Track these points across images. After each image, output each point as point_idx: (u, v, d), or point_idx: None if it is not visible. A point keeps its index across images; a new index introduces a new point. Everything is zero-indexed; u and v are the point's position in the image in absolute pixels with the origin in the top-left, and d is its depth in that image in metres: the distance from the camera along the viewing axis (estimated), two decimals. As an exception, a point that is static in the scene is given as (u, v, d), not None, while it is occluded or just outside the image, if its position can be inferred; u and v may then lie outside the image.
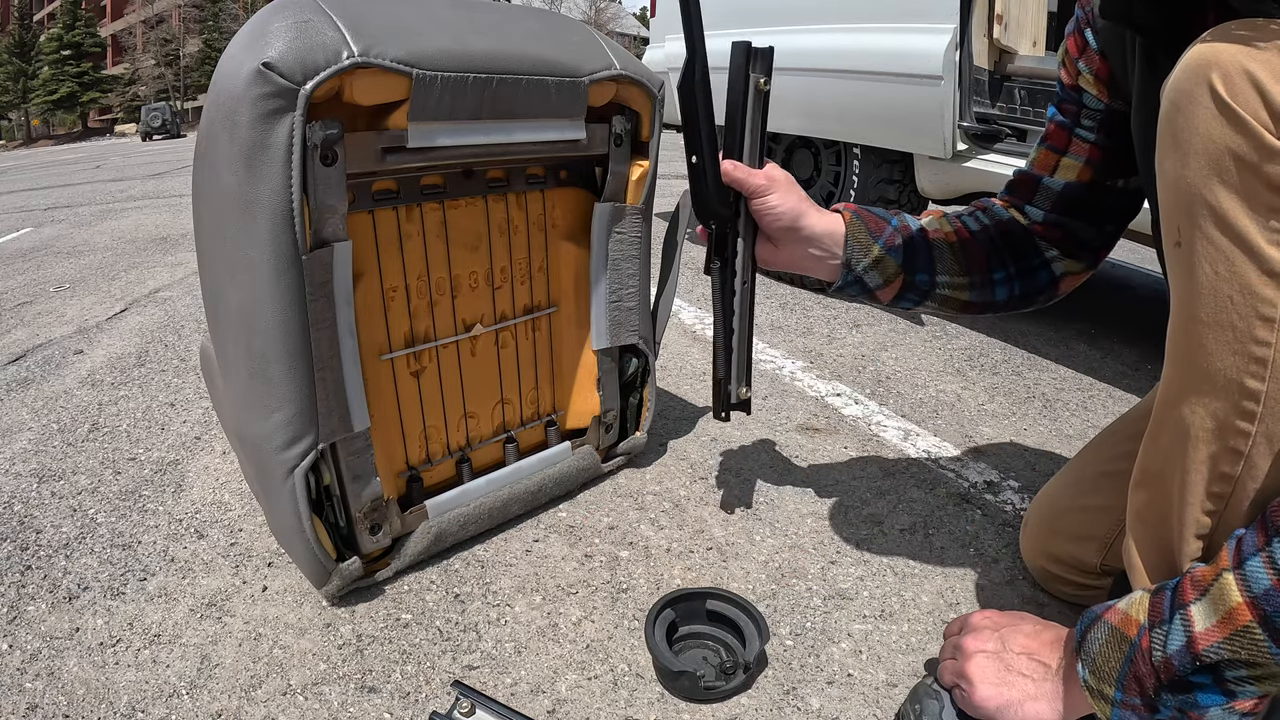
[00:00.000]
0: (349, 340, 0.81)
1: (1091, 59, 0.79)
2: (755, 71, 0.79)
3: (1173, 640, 0.53)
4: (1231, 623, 0.50)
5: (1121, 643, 0.56)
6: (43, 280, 2.79)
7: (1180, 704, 0.53)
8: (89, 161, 11.62)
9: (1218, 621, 0.51)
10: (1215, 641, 0.50)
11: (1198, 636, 0.51)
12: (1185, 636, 0.52)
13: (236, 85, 0.68)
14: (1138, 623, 0.55)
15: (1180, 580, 0.54)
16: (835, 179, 2.28)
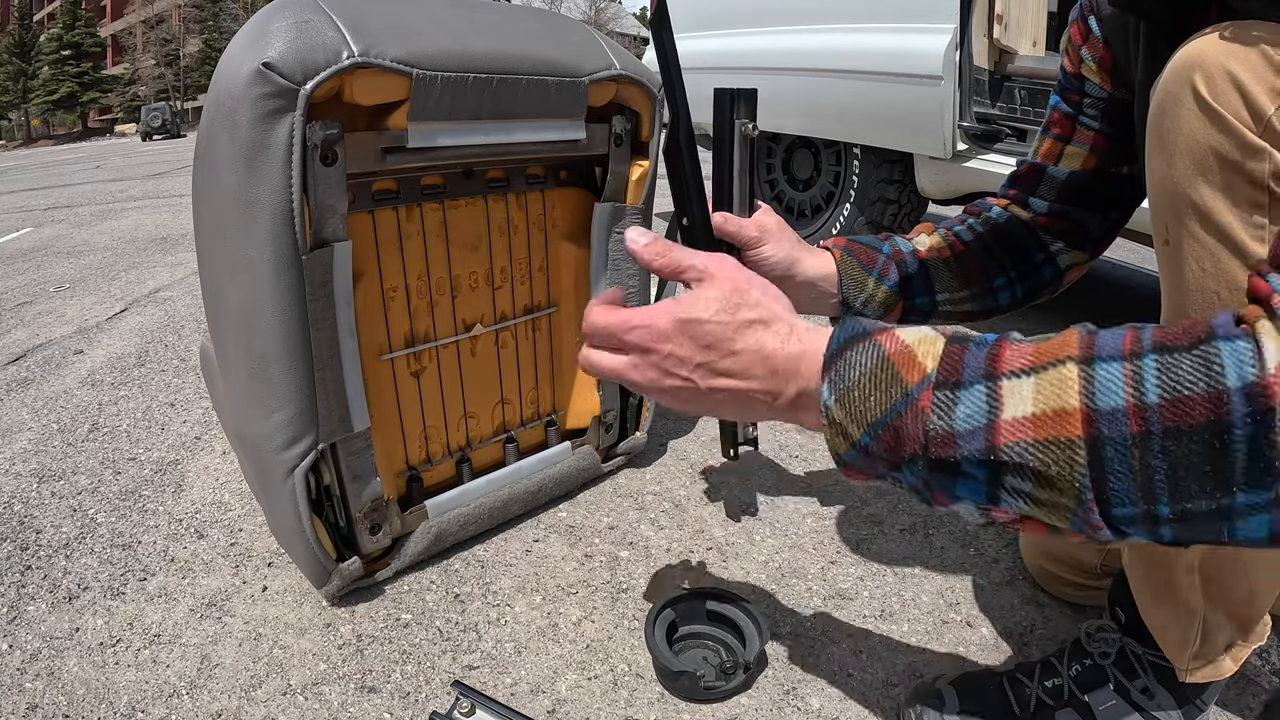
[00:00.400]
0: (349, 340, 0.81)
1: (1095, 46, 0.78)
2: (740, 117, 0.78)
3: (965, 415, 0.42)
4: (1056, 427, 0.40)
5: (893, 385, 0.44)
6: (43, 280, 2.79)
7: (932, 480, 0.44)
8: (89, 161, 11.62)
9: (1036, 416, 0.41)
10: (1024, 440, 0.41)
11: (1003, 425, 0.41)
12: (986, 419, 0.42)
13: (236, 85, 0.68)
14: (922, 369, 0.44)
15: (999, 340, 0.44)
16: (835, 179, 2.28)
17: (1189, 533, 0.40)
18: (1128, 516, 0.40)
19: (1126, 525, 0.41)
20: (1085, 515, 0.41)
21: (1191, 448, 0.38)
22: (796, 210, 2.44)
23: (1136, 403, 0.39)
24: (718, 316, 0.49)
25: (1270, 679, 0.77)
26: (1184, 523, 0.39)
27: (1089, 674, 0.68)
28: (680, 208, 0.76)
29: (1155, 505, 0.39)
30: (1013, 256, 0.86)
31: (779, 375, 0.48)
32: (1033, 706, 0.67)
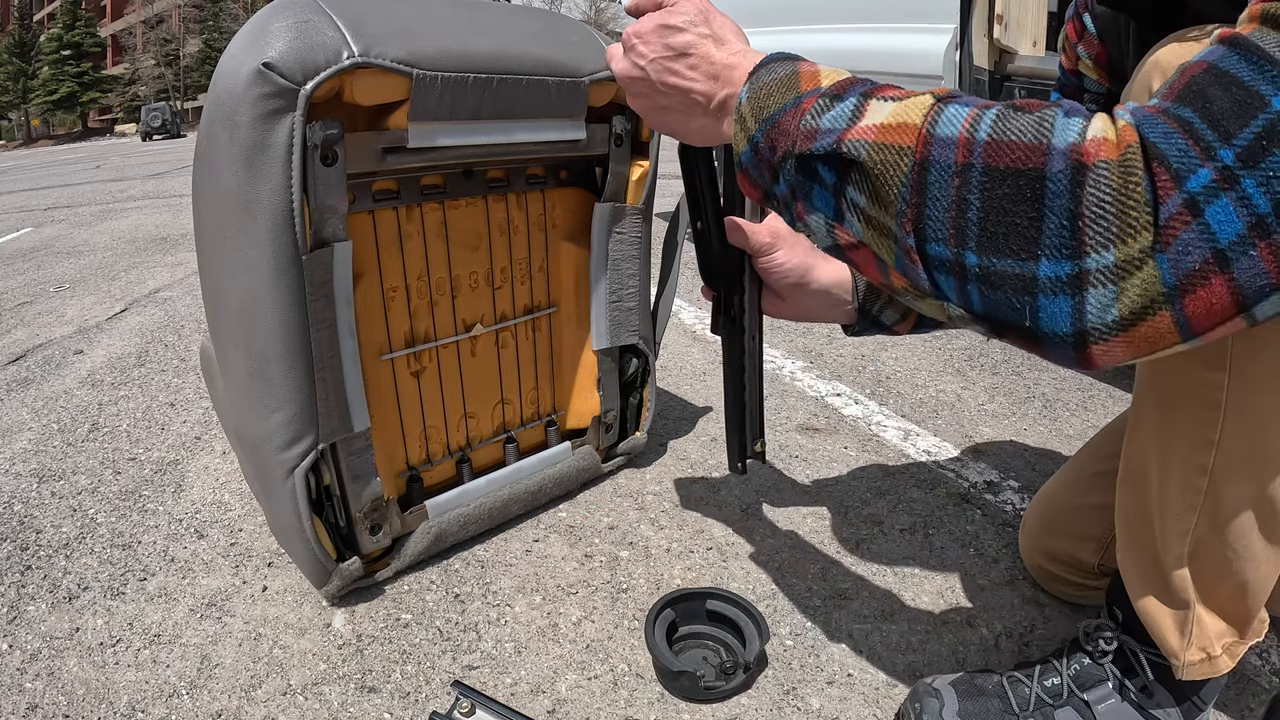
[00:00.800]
0: (349, 340, 0.81)
1: (1090, 44, 0.78)
2: None
3: (831, 117, 0.46)
4: (894, 134, 0.44)
5: (790, 89, 0.50)
6: (43, 280, 2.79)
7: (796, 185, 0.49)
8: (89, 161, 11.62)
9: (881, 124, 0.44)
10: (865, 140, 0.44)
11: (856, 128, 0.45)
12: (847, 123, 0.46)
13: (237, 85, 0.68)
14: (817, 82, 0.49)
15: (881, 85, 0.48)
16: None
17: (995, 301, 0.42)
18: (940, 259, 0.43)
19: (939, 271, 0.43)
20: (904, 243, 0.44)
21: (1006, 190, 0.40)
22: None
23: (968, 137, 0.41)
24: (687, 27, 0.57)
25: (1270, 679, 0.77)
26: (990, 285, 0.42)
27: (1088, 672, 0.68)
28: (694, 213, 0.77)
29: (964, 250, 0.42)
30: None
31: (717, 80, 0.55)
32: (1032, 705, 0.67)
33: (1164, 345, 0.40)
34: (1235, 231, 0.37)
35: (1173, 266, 0.38)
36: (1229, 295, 0.38)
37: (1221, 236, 0.37)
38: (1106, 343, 0.40)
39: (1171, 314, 0.39)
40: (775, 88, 0.51)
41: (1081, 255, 0.39)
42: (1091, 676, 0.67)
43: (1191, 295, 0.38)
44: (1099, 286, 0.39)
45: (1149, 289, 0.39)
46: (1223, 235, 0.37)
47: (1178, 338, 0.40)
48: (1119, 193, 0.38)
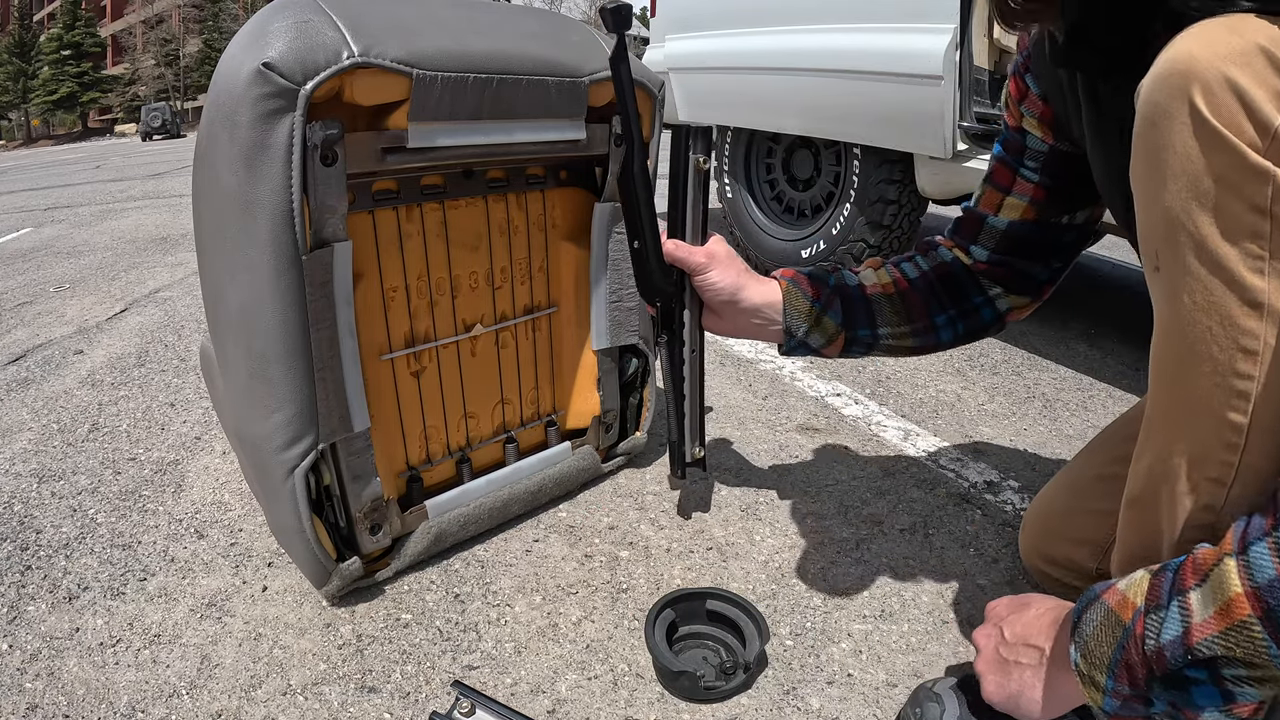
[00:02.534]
0: (349, 340, 0.81)
1: (1034, 103, 0.80)
2: (695, 152, 0.83)
3: (1168, 629, 0.48)
4: (1229, 615, 0.45)
5: (1116, 627, 0.52)
6: (43, 280, 2.79)
7: (1174, 699, 0.49)
8: (89, 161, 11.62)
9: (1215, 612, 0.46)
10: (1211, 634, 0.46)
11: (1194, 628, 0.47)
12: (1181, 627, 0.48)
13: (236, 85, 0.68)
14: (1134, 606, 0.51)
15: (1184, 560, 0.50)
16: (835, 179, 2.28)
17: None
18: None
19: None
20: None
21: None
22: (797, 210, 2.44)
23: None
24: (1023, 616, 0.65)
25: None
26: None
27: None
28: (632, 233, 0.83)
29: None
30: (954, 297, 0.88)
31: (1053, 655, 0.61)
32: None
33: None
34: None
35: None
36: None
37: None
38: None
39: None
40: (1100, 632, 0.53)
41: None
42: None
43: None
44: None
45: None
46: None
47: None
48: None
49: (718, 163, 2.65)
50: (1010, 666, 0.63)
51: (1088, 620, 0.54)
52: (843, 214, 2.18)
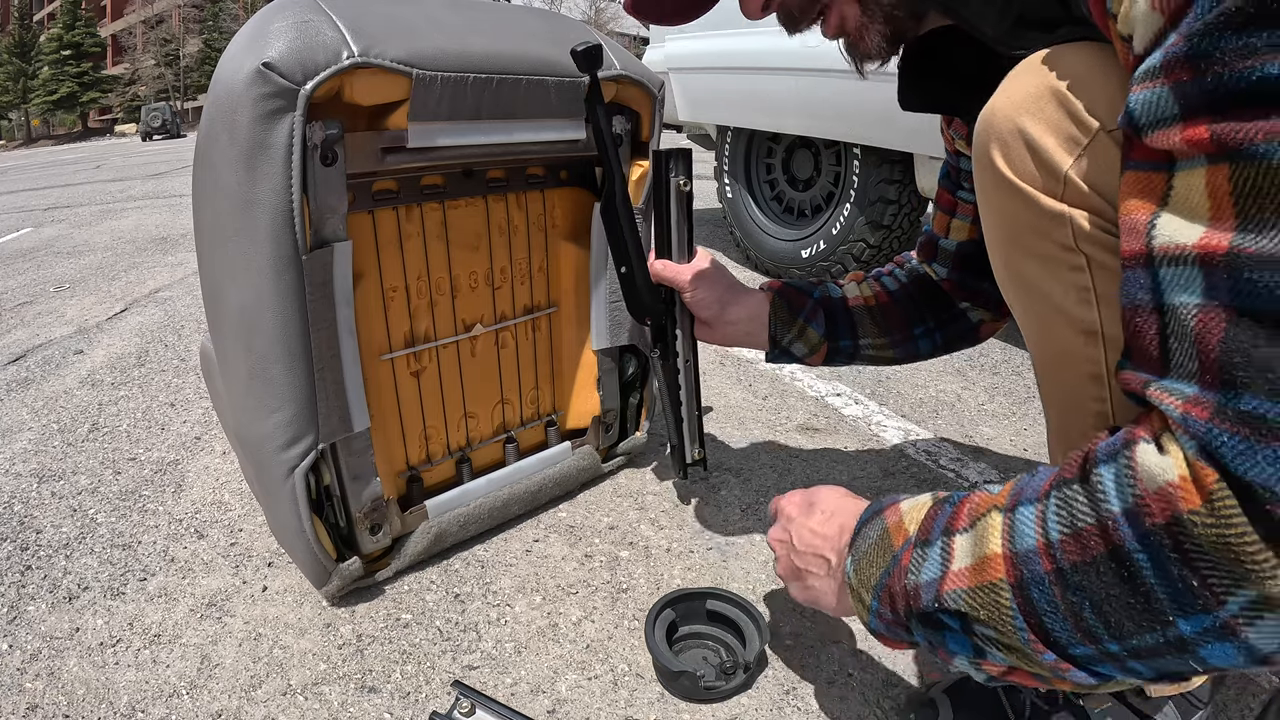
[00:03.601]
0: (349, 340, 0.81)
1: (959, 125, 0.84)
2: (675, 174, 0.87)
3: (927, 569, 0.47)
4: (982, 573, 0.43)
5: (886, 551, 0.51)
6: (43, 280, 2.79)
7: (930, 638, 0.48)
8: (89, 162, 11.62)
9: (971, 566, 0.44)
10: (961, 588, 0.44)
11: (950, 575, 0.45)
12: (940, 570, 0.46)
13: (236, 85, 0.68)
14: (906, 534, 0.50)
15: (963, 497, 0.48)
16: (835, 179, 2.28)
17: (1163, 665, 0.39)
18: (1088, 656, 0.40)
19: (1095, 664, 0.41)
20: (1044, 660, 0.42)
21: (1102, 580, 0.38)
22: (797, 210, 2.44)
23: (1044, 541, 0.40)
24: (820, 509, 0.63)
25: (1270, 679, 0.77)
26: (1148, 657, 0.38)
27: None
28: (619, 259, 0.89)
29: (1103, 643, 0.39)
30: (932, 309, 0.92)
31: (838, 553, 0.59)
32: (1027, 712, 0.67)
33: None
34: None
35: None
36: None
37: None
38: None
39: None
40: (874, 552, 0.52)
41: (1215, 607, 0.35)
42: None
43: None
44: (1256, 622, 0.35)
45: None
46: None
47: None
48: (1220, 539, 0.34)
49: (718, 163, 2.65)
50: (804, 575, 0.62)
51: (864, 535, 0.54)
52: (843, 214, 2.18)
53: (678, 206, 0.89)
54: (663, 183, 0.87)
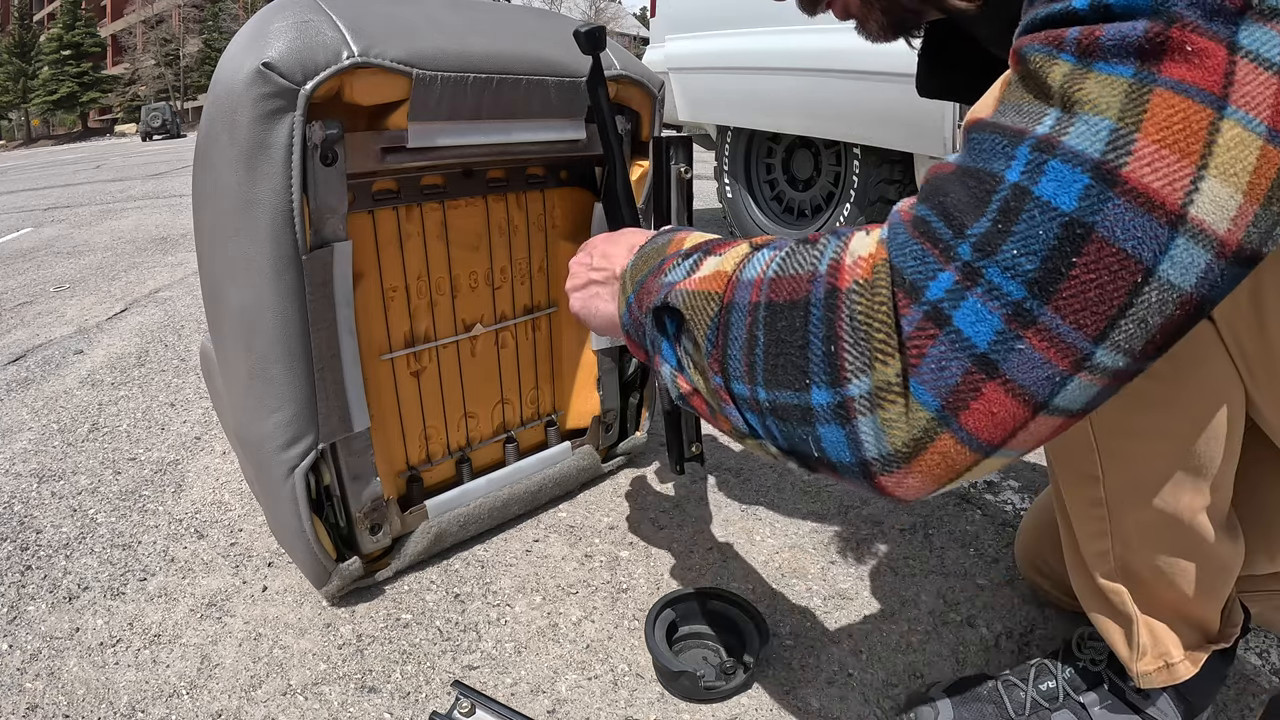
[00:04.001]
0: (349, 340, 0.81)
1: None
2: (676, 162, 0.88)
3: (675, 272, 0.49)
4: (709, 283, 0.46)
5: (657, 256, 0.54)
6: (43, 280, 2.79)
7: (652, 339, 0.51)
8: (89, 162, 11.62)
9: (702, 276, 0.47)
10: (686, 290, 0.47)
11: (686, 280, 0.48)
12: (683, 276, 0.48)
13: (236, 85, 0.68)
14: (682, 245, 0.52)
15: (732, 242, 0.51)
16: (835, 179, 2.28)
17: (789, 434, 0.42)
18: (742, 396, 0.43)
19: (746, 409, 0.44)
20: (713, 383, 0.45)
21: (784, 323, 0.40)
22: (797, 210, 2.44)
23: (763, 276, 0.43)
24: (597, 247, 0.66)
25: (1270, 679, 0.77)
26: (780, 418, 0.42)
27: (1083, 675, 0.68)
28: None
29: (757, 386, 0.42)
30: None
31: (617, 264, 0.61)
32: (1028, 709, 0.67)
33: (964, 466, 0.37)
34: (993, 329, 0.35)
35: (930, 387, 0.36)
36: (1011, 399, 0.35)
37: (978, 340, 0.35)
38: (892, 474, 0.38)
39: (953, 435, 0.36)
40: (651, 254, 0.54)
41: (842, 382, 0.38)
42: (1087, 679, 0.67)
43: (966, 411, 0.36)
44: (864, 415, 0.38)
45: (914, 416, 0.37)
46: (979, 338, 0.35)
47: (976, 455, 0.37)
48: (867, 316, 0.37)
49: (718, 163, 2.65)
50: (590, 285, 0.63)
51: (649, 245, 0.56)
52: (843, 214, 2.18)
53: (678, 193, 0.89)
54: (663, 170, 0.88)
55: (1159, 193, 0.33)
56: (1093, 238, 0.33)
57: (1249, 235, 0.34)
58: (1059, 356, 0.34)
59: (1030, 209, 0.34)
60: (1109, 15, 0.34)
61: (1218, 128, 0.33)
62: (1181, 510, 0.56)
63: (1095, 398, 0.37)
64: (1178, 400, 0.51)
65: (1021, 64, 0.37)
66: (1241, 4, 0.32)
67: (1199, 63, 0.33)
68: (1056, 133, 0.34)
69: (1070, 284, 0.33)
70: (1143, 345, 0.35)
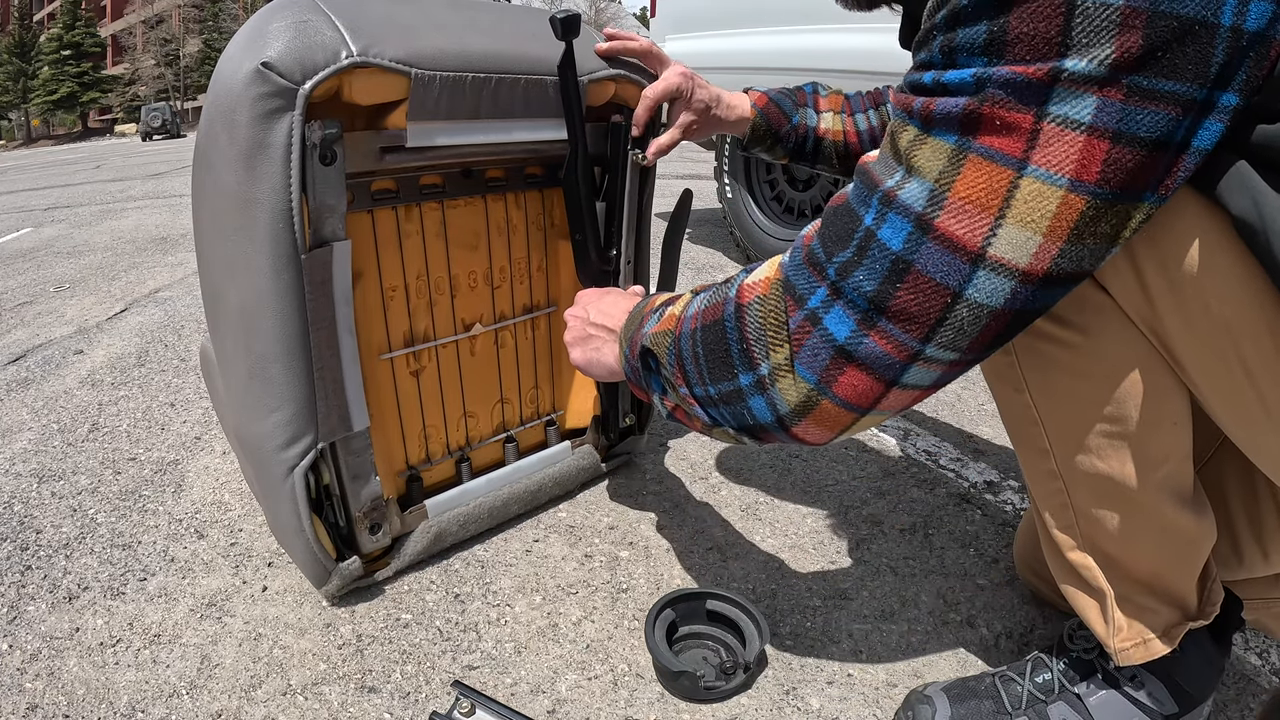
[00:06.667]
0: (348, 339, 0.80)
1: None
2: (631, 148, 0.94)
3: (649, 324, 0.64)
4: (665, 325, 0.61)
5: (639, 315, 0.67)
6: (43, 280, 2.79)
7: (645, 377, 0.65)
8: (89, 161, 11.62)
9: (662, 319, 0.62)
10: (653, 332, 0.62)
11: (654, 327, 0.63)
12: (653, 325, 0.63)
13: (236, 85, 0.68)
14: (654, 306, 0.66)
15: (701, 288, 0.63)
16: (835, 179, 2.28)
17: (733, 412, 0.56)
18: (700, 396, 0.58)
19: (704, 405, 0.58)
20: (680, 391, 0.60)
21: (712, 336, 0.56)
22: (797, 210, 2.44)
23: (696, 310, 0.59)
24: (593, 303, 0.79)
25: (1270, 679, 0.77)
26: (726, 402, 0.56)
27: (1078, 667, 0.68)
28: (574, 226, 0.94)
29: (707, 385, 0.57)
30: None
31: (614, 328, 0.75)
32: (1025, 702, 0.68)
33: (848, 422, 0.51)
34: (849, 329, 0.48)
35: (808, 366, 0.50)
36: (867, 377, 0.49)
37: (839, 335, 0.48)
38: (799, 425, 0.52)
39: (830, 400, 0.50)
40: (634, 316, 0.68)
41: (756, 366, 0.53)
42: (1082, 670, 0.68)
43: (836, 385, 0.49)
44: (771, 386, 0.52)
45: (800, 386, 0.51)
46: (839, 334, 0.48)
47: (853, 415, 0.51)
48: (763, 319, 0.52)
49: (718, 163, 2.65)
50: (591, 339, 0.76)
51: (635, 309, 0.70)
52: (843, 213, 2.17)
53: (632, 179, 0.94)
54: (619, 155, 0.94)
55: (961, 238, 0.43)
56: (912, 270, 0.45)
57: (1057, 264, 0.43)
58: (896, 350, 0.47)
59: (874, 248, 0.46)
60: (944, 90, 0.43)
61: (1017, 185, 0.42)
62: (1128, 477, 0.58)
63: (939, 379, 0.49)
64: (1090, 370, 0.56)
65: (891, 120, 0.48)
66: (1049, 77, 0.40)
67: (1006, 132, 0.41)
68: (896, 188, 0.46)
69: (898, 300, 0.46)
70: (967, 344, 0.46)
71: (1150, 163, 0.41)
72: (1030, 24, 0.39)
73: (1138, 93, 0.39)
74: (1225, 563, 0.70)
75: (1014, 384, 0.62)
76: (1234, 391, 0.51)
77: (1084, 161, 0.40)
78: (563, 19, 0.82)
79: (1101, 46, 0.38)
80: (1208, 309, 0.49)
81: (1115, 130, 0.40)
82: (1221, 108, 0.40)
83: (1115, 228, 0.43)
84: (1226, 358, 0.50)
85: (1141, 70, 0.39)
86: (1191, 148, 0.41)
